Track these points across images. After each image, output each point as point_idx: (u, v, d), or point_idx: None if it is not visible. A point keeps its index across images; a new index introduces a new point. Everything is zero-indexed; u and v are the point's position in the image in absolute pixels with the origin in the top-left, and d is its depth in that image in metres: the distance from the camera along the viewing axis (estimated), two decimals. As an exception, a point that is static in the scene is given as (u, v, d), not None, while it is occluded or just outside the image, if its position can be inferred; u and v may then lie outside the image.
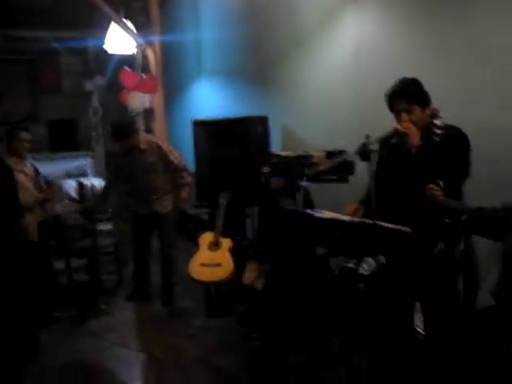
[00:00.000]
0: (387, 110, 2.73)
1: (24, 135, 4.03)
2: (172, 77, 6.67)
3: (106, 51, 6.19)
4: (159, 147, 4.31)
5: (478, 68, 3.19)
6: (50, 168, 5.29)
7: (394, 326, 2.74)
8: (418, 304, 2.75)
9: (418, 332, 2.94)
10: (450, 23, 3.36)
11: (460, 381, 2.40)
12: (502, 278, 2.29)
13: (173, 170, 4.35)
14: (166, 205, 4.32)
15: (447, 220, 2.31)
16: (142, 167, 4.22)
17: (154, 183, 4.26)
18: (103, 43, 5.94)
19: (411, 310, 2.80)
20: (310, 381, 2.97)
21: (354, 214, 2.62)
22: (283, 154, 3.87)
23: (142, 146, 4.24)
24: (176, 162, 4.35)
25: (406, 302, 2.74)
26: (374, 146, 2.41)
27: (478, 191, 2.75)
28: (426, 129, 2.53)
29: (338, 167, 2.93)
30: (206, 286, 4.12)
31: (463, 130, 2.52)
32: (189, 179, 4.43)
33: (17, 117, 7.52)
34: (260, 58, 5.38)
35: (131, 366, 3.32)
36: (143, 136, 4.44)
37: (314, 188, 3.54)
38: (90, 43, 7.58)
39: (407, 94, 2.60)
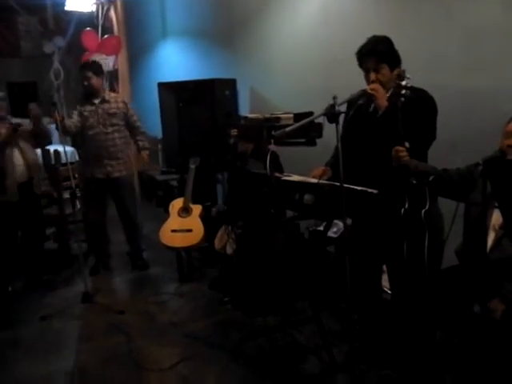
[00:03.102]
0: (355, 72, 2.69)
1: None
2: (136, 37, 6.44)
3: (65, 11, 5.89)
4: (124, 103, 4.23)
5: (445, 30, 3.16)
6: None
7: (362, 287, 2.79)
8: (385, 265, 2.81)
9: (386, 292, 3.01)
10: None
11: (425, 340, 2.48)
12: (465, 238, 2.34)
13: (133, 132, 4.28)
14: (123, 168, 4.22)
15: (413, 181, 2.32)
16: (103, 118, 4.07)
17: (113, 142, 4.13)
18: (62, 1, 5.65)
19: (379, 271, 2.85)
20: (280, 341, 3.03)
21: (321, 176, 2.61)
22: (251, 116, 3.80)
23: (107, 96, 4.14)
24: (138, 123, 4.31)
25: (374, 263, 2.79)
26: (342, 108, 2.37)
27: (445, 154, 2.78)
28: (393, 90, 2.50)
29: (306, 129, 2.89)
30: (177, 252, 4.11)
31: (429, 92, 2.51)
32: (148, 144, 4.37)
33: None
34: (227, 18, 5.22)
35: (103, 333, 3.31)
36: (109, 91, 4.35)
37: (283, 151, 3.51)
38: (48, 1, 7.20)
39: (376, 52, 2.55)
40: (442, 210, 2.51)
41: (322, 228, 3.13)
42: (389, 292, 3.09)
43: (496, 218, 2.21)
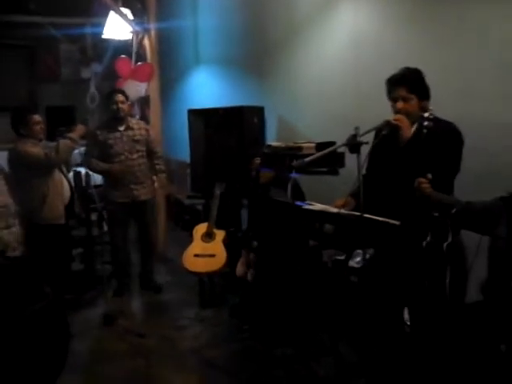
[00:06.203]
0: (383, 102, 2.68)
1: (38, 117, 3.80)
2: (169, 65, 6.60)
3: (103, 38, 6.13)
4: (146, 130, 4.39)
5: (477, 59, 3.12)
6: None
7: (383, 319, 2.73)
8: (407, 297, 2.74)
9: (407, 325, 2.93)
10: (447, 13, 3.29)
11: (447, 377, 2.39)
12: (490, 273, 2.27)
13: (151, 157, 4.40)
14: (147, 192, 4.33)
15: (436, 214, 2.28)
16: (128, 145, 4.19)
17: (138, 167, 4.25)
18: (101, 30, 5.87)
19: (401, 304, 2.78)
20: (298, 373, 2.97)
21: (342, 206, 2.59)
22: (274, 144, 3.83)
23: (131, 123, 4.26)
24: (157, 149, 4.46)
25: (396, 296, 2.72)
26: (364, 138, 2.37)
27: (475, 185, 2.72)
28: (418, 122, 2.49)
29: (328, 159, 2.89)
30: (199, 277, 4.12)
31: (455, 124, 2.48)
32: (164, 167, 4.50)
33: (15, 103, 7.47)
34: (257, 47, 5.32)
35: (122, 357, 3.32)
36: (131, 118, 4.48)
37: (306, 180, 3.51)
38: (88, 30, 7.53)
39: (407, 82, 2.55)
40: (466, 243, 2.44)
41: (343, 257, 3.09)
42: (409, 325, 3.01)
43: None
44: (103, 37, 5.92)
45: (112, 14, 5.60)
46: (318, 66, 4.50)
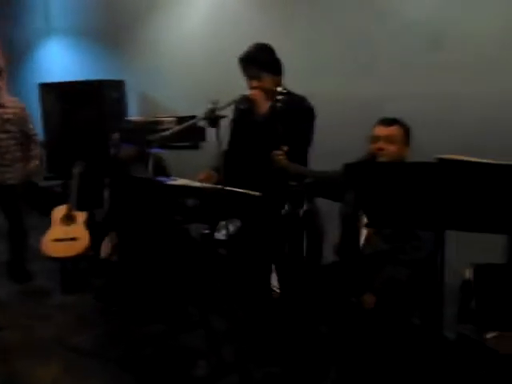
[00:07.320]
0: (242, 76, 2.73)
1: None
2: (15, 35, 6.03)
3: None
4: (22, 108, 3.93)
5: (330, 37, 3.30)
6: None
7: (251, 287, 2.84)
8: (273, 264, 2.88)
9: (274, 291, 3.09)
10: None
11: (309, 335, 2.58)
12: (342, 235, 2.48)
13: (27, 140, 3.98)
14: (17, 175, 3.93)
15: (292, 183, 2.41)
16: None
17: (6, 149, 3.83)
18: None
19: (268, 270, 2.92)
20: (169, 348, 2.98)
21: (206, 180, 2.62)
22: (134, 119, 3.74)
23: (2, 100, 3.81)
24: (33, 131, 4.03)
25: (262, 263, 2.85)
26: (222, 112, 2.40)
27: (330, 158, 2.90)
28: (274, 96, 2.58)
29: (188, 133, 2.89)
30: (61, 262, 3.90)
31: (308, 99, 2.62)
32: (39, 154, 4.10)
33: None
34: (116, 19, 5.09)
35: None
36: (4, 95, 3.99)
37: (169, 156, 3.48)
38: None
39: (257, 61, 2.62)
40: (322, 209, 2.63)
41: (210, 231, 3.14)
42: (277, 291, 3.18)
43: (366, 216, 2.36)
44: None
45: None
46: (180, 40, 4.45)
